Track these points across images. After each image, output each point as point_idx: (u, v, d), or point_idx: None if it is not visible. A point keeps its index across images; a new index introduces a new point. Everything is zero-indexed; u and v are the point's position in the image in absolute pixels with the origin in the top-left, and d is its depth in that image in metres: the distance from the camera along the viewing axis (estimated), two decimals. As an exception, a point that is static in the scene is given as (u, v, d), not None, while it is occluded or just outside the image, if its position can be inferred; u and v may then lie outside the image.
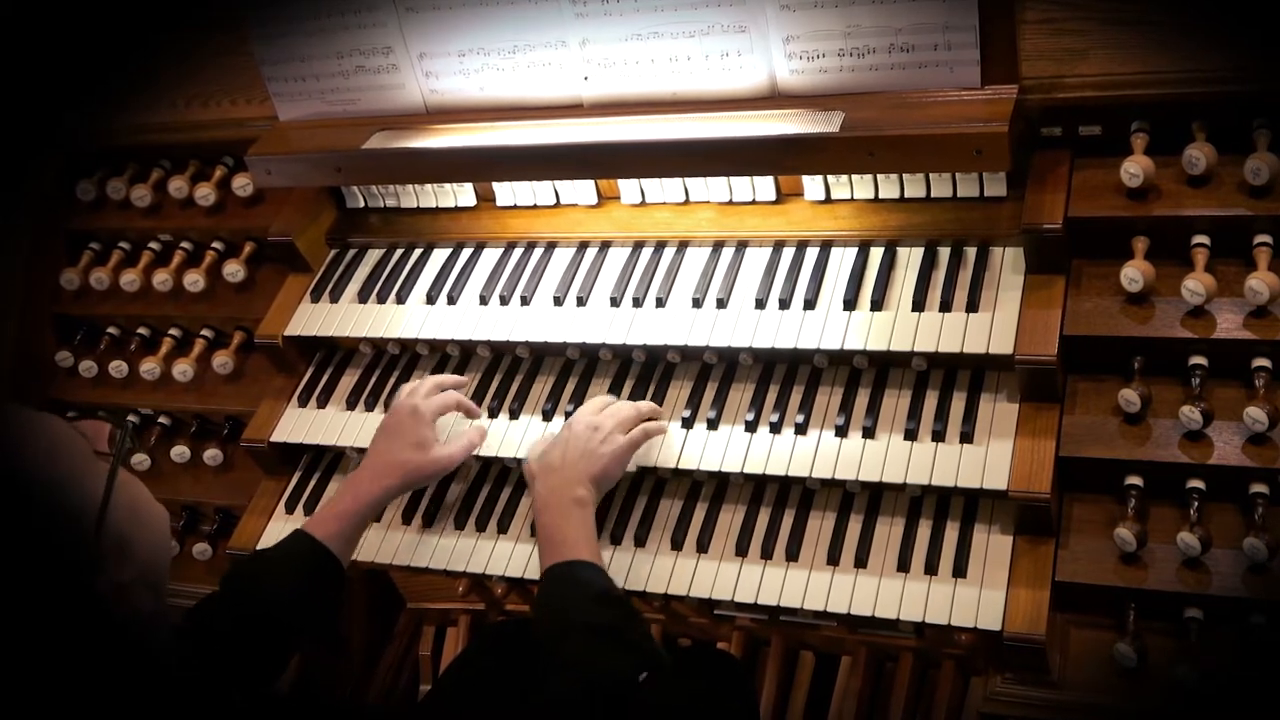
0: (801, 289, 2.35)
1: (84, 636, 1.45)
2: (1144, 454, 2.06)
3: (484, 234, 2.70)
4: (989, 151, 2.11)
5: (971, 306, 2.22)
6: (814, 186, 2.45)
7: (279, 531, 2.59)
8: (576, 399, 2.45)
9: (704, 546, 2.29)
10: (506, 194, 2.69)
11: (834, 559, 2.20)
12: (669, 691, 1.85)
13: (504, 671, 2.34)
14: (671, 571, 2.27)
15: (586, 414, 2.27)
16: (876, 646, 2.39)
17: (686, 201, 2.56)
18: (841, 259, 2.38)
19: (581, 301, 2.49)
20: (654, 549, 2.31)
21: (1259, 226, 2.08)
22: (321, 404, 2.66)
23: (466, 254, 2.69)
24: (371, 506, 2.24)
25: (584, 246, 2.60)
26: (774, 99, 2.35)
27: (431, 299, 2.62)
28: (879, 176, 2.37)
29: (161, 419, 2.93)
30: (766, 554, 2.24)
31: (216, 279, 2.90)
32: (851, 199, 2.43)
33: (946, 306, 2.23)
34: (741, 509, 2.32)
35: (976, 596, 2.08)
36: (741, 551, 2.25)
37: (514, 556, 2.38)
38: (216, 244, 2.94)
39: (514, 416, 2.48)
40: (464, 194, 2.73)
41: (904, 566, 2.15)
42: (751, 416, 2.31)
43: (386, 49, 2.57)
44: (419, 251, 2.73)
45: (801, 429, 2.27)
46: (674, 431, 2.35)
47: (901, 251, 2.36)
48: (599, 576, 2.01)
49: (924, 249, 2.34)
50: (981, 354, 2.16)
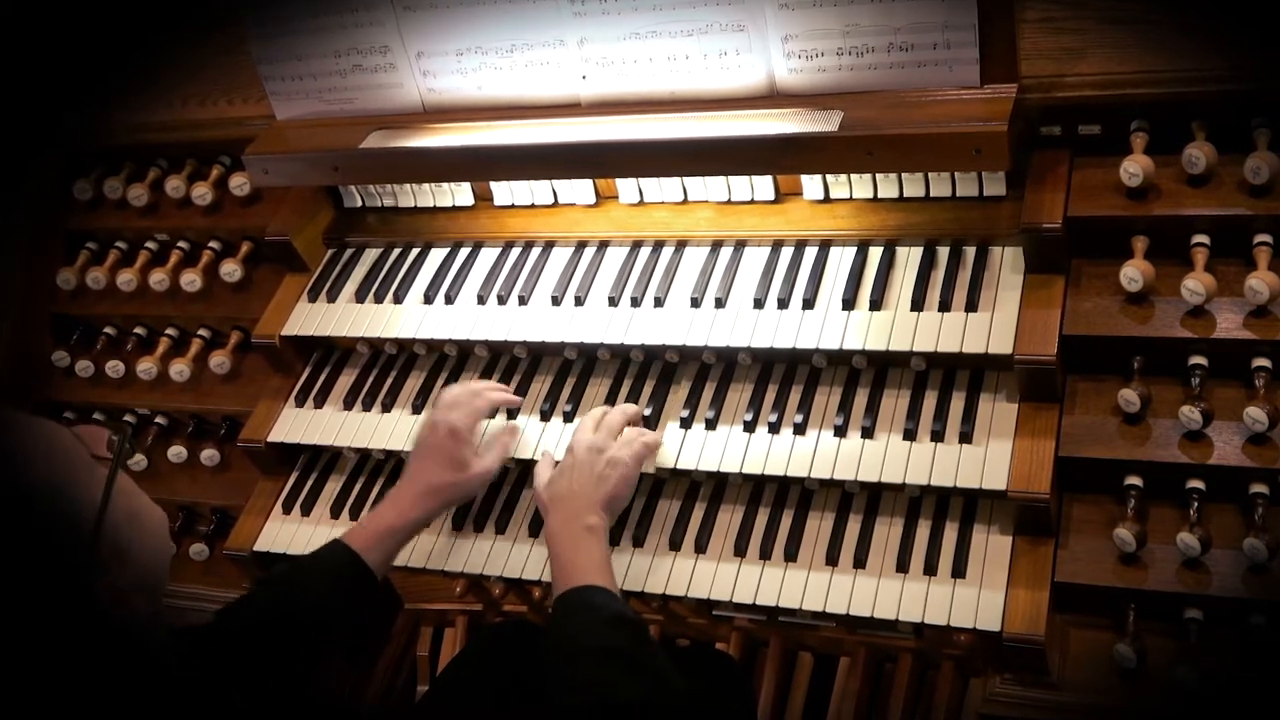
0: (800, 288, 2.35)
1: (81, 638, 1.44)
2: (1144, 454, 2.06)
3: (482, 233, 2.69)
4: (988, 151, 2.11)
5: (971, 306, 2.21)
6: (813, 186, 2.44)
7: (276, 532, 2.59)
8: (574, 399, 2.45)
9: (702, 547, 2.28)
10: (504, 193, 2.68)
11: (833, 559, 2.20)
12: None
13: (501, 672, 2.34)
14: (670, 572, 2.27)
15: (586, 436, 2.25)
16: (875, 647, 2.38)
17: (685, 201, 2.55)
18: (840, 258, 2.37)
19: (579, 301, 2.48)
20: (652, 549, 2.30)
21: (1259, 226, 2.08)
22: (319, 404, 2.65)
23: (464, 253, 2.68)
24: (414, 526, 2.26)
25: (582, 246, 2.60)
26: (772, 98, 2.35)
27: (429, 299, 2.61)
28: (878, 176, 2.37)
29: (158, 419, 2.93)
30: (765, 554, 2.23)
31: (213, 278, 2.90)
32: (850, 198, 2.43)
33: (945, 306, 2.23)
34: (740, 509, 2.31)
35: (976, 597, 2.07)
36: (740, 552, 2.25)
37: (511, 557, 2.38)
38: (213, 243, 2.94)
39: (511, 416, 2.47)
40: (461, 193, 2.72)
41: (903, 567, 2.15)
42: (750, 416, 2.30)
43: (384, 48, 2.57)
44: (416, 251, 2.73)
45: (800, 429, 2.26)
46: (672, 431, 2.34)
47: (900, 251, 2.35)
48: (612, 601, 1.99)
49: (923, 248, 2.34)
50: (981, 354, 2.16)
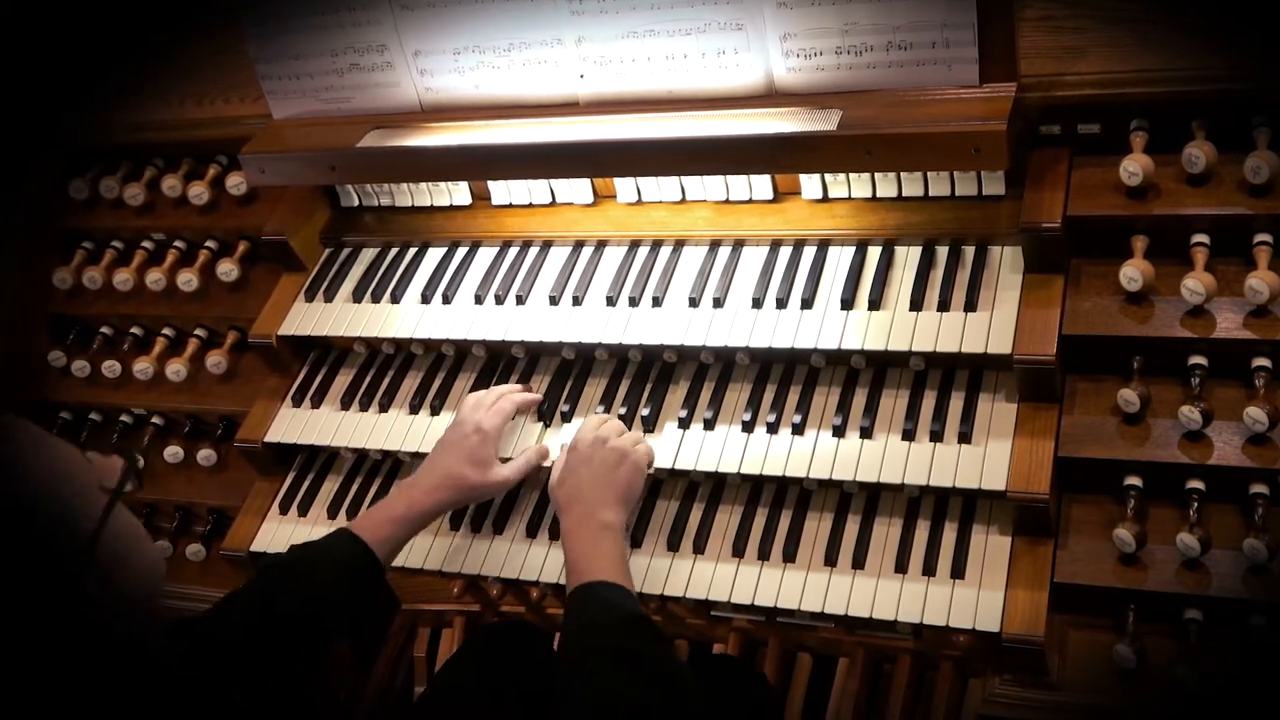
0: (799, 288, 2.34)
1: (79, 639, 1.43)
2: (1143, 454, 2.05)
3: (479, 233, 2.68)
4: (987, 150, 2.10)
5: (970, 306, 2.21)
6: (811, 185, 2.44)
7: (273, 532, 2.59)
8: (572, 399, 2.44)
9: (700, 547, 2.28)
10: (502, 193, 2.68)
11: (831, 560, 2.19)
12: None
13: (499, 673, 2.33)
14: (668, 572, 2.26)
15: (589, 433, 2.24)
16: (874, 648, 2.38)
17: (683, 200, 2.55)
18: (839, 258, 2.37)
19: (577, 301, 2.47)
20: (650, 549, 2.30)
21: (1259, 225, 2.07)
22: (316, 404, 2.64)
23: (461, 253, 2.67)
24: (423, 517, 2.22)
25: (580, 245, 2.59)
26: (771, 97, 2.34)
27: (426, 298, 2.60)
28: (876, 175, 2.36)
29: (155, 419, 2.92)
30: (764, 555, 2.23)
31: (210, 278, 2.89)
32: (849, 198, 2.42)
33: (944, 306, 2.22)
34: (738, 509, 2.31)
35: (975, 597, 2.07)
36: (738, 552, 2.25)
37: (509, 557, 2.38)
38: (210, 243, 2.92)
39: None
40: (459, 193, 2.71)
41: (902, 567, 2.14)
42: (748, 416, 2.30)
43: (381, 47, 2.56)
44: (414, 250, 2.72)
45: (799, 429, 2.26)
46: (670, 431, 2.34)
47: (899, 250, 2.35)
48: (626, 599, 1.97)
49: (922, 248, 2.33)
50: (980, 354, 2.15)
